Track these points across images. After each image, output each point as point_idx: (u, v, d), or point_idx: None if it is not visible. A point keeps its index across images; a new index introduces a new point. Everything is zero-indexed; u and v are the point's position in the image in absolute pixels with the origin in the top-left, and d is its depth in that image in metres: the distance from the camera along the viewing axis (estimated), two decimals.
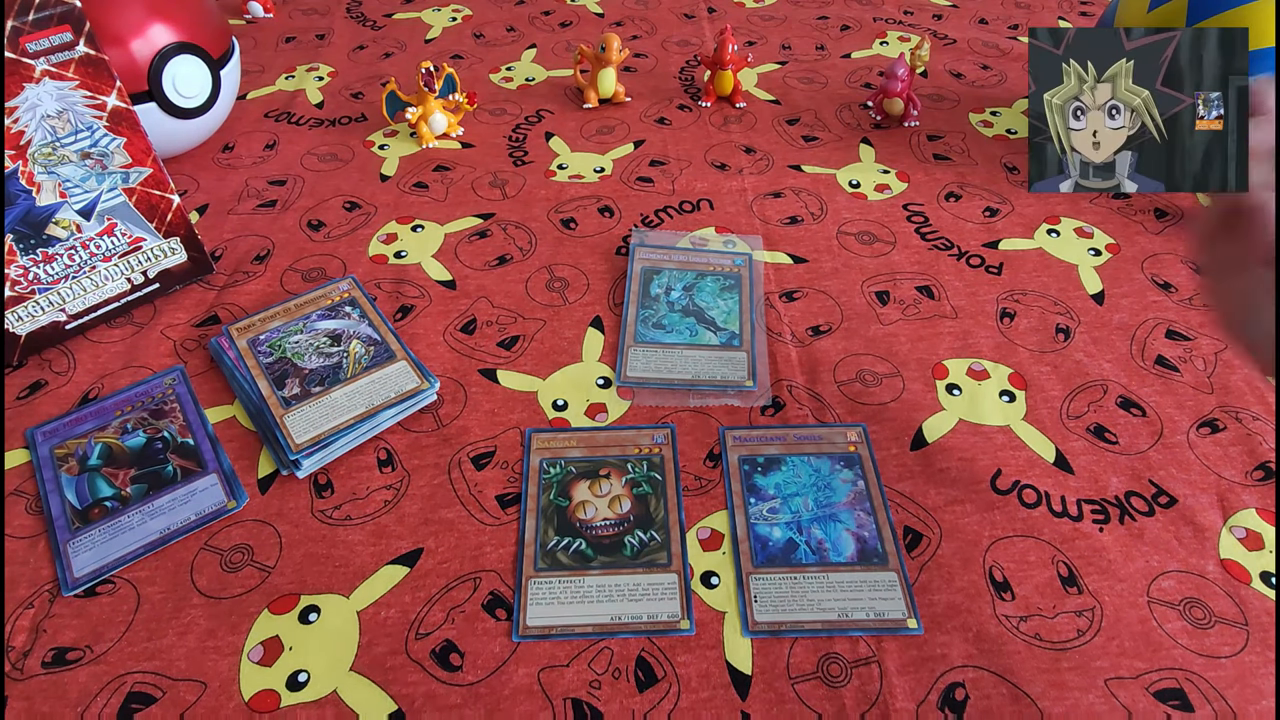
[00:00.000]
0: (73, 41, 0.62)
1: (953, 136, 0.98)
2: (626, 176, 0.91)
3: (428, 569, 0.55)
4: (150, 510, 0.57)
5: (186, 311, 0.73)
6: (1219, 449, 0.62)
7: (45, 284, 0.66)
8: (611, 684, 0.49)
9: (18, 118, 0.61)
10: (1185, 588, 0.54)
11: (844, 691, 0.49)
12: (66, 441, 0.61)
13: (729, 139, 0.98)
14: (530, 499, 0.58)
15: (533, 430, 0.63)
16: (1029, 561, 0.55)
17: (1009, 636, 0.51)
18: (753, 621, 0.52)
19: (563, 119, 1.01)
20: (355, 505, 0.58)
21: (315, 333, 0.69)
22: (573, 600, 0.53)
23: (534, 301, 0.75)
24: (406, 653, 0.50)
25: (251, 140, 0.96)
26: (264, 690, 0.48)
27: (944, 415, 0.65)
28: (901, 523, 0.58)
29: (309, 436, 0.60)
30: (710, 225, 0.84)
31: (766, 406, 0.65)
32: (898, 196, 0.89)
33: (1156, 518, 0.58)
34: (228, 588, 0.53)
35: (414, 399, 0.64)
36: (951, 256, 0.80)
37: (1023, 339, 0.72)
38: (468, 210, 0.86)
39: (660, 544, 0.56)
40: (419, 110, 0.94)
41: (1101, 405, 0.66)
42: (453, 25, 1.23)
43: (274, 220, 0.84)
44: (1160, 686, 0.49)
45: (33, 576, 0.54)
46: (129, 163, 0.68)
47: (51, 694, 0.48)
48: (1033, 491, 0.60)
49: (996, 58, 1.15)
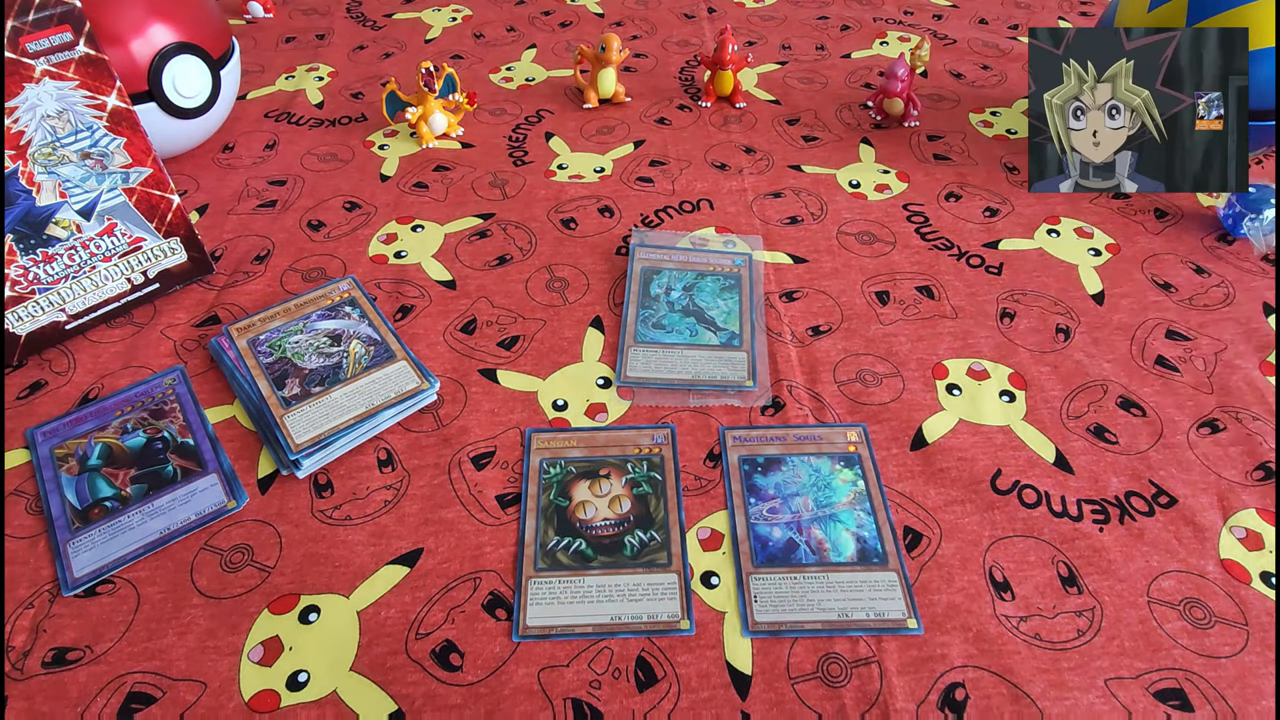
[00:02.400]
0: (73, 41, 0.62)
1: (953, 136, 0.98)
2: (626, 176, 0.91)
3: (428, 569, 0.55)
4: (150, 510, 0.57)
5: (186, 311, 0.73)
6: (1219, 449, 0.62)
7: (45, 284, 0.66)
8: (611, 684, 0.49)
9: (18, 118, 0.61)
10: (1185, 588, 0.54)
11: (844, 691, 0.49)
12: (66, 441, 0.61)
13: (729, 139, 0.98)
14: (530, 499, 0.58)
15: (533, 430, 0.63)
16: (1029, 561, 0.55)
17: (1009, 636, 0.51)
18: (753, 621, 0.52)
19: (563, 119, 1.01)
20: (355, 505, 0.58)
21: (315, 333, 0.69)
22: (573, 600, 0.53)
23: (534, 301, 0.75)
24: (406, 653, 0.50)
25: (251, 140, 0.96)
26: (264, 690, 0.48)
27: (944, 415, 0.65)
28: (901, 523, 0.58)
29: (309, 436, 0.60)
30: (710, 225, 0.84)
31: (766, 406, 0.65)
32: (898, 196, 0.89)
33: (1156, 518, 0.58)
34: (228, 588, 0.53)
35: (414, 399, 0.64)
36: (951, 256, 0.80)
37: (1023, 339, 0.72)
38: (468, 210, 0.86)
39: (660, 544, 0.56)
40: (419, 110, 0.94)
41: (1101, 405, 0.66)
42: (453, 25, 1.23)
43: (274, 220, 0.84)
44: (1160, 686, 0.49)
45: (33, 576, 0.54)
46: (129, 163, 0.68)
47: (51, 694, 0.48)
48: (1033, 491, 0.60)
49: (996, 58, 1.15)
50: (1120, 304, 0.75)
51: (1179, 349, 0.71)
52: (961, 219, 0.85)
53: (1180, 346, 0.71)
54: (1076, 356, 0.70)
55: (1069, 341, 0.71)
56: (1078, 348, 0.71)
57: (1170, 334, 0.72)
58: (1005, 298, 0.76)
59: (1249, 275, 0.78)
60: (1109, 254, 0.81)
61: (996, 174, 0.92)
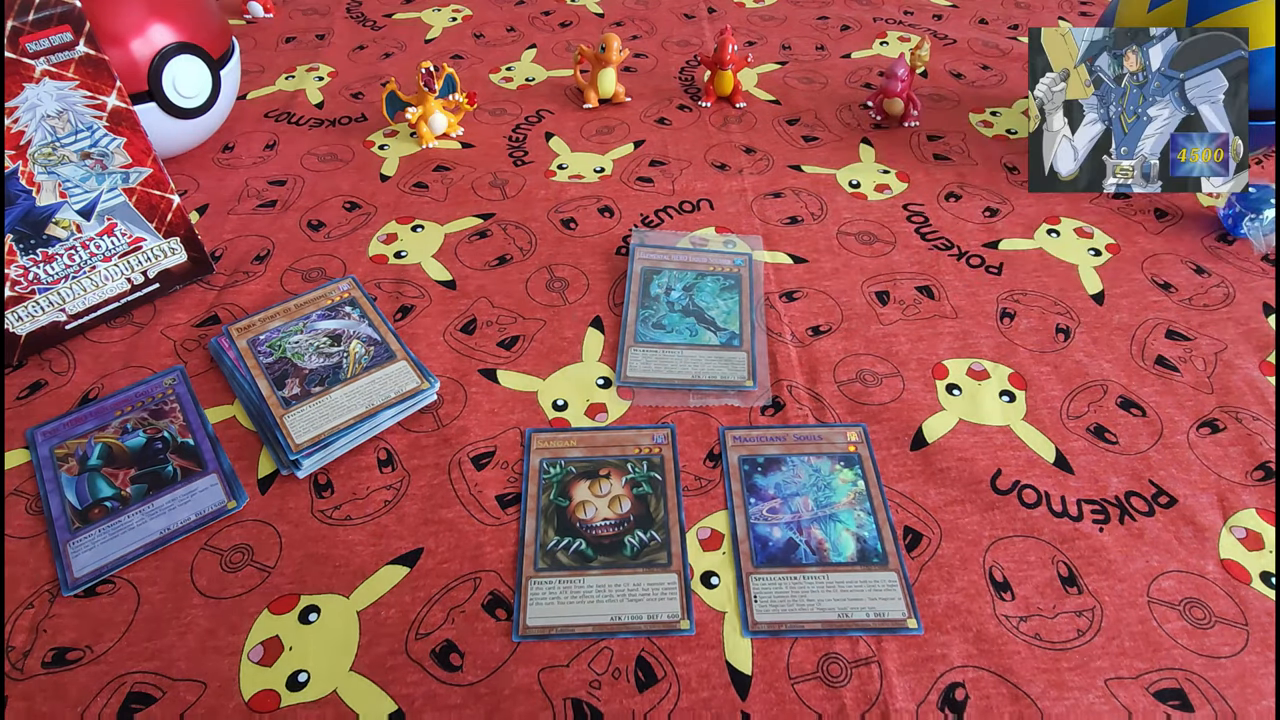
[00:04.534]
0: (73, 41, 0.62)
1: (953, 136, 0.98)
2: (626, 176, 0.91)
3: (428, 569, 0.55)
4: (150, 510, 0.57)
5: (186, 311, 0.73)
6: (1219, 449, 0.62)
7: (45, 284, 0.66)
8: (611, 684, 0.49)
9: (18, 118, 0.61)
10: (1185, 588, 0.54)
11: (844, 691, 0.49)
12: (66, 441, 0.61)
13: (729, 139, 0.98)
14: (530, 499, 0.58)
15: (533, 430, 0.63)
16: (1029, 561, 0.55)
17: (1009, 636, 0.51)
18: (753, 621, 0.52)
19: (563, 119, 1.01)
20: (355, 505, 0.58)
21: (315, 333, 0.69)
22: (573, 600, 0.53)
23: (534, 301, 0.75)
24: (406, 653, 0.50)
25: (251, 140, 0.96)
26: (264, 690, 0.48)
27: (944, 415, 0.65)
28: (901, 523, 0.58)
29: (309, 436, 0.60)
30: (710, 225, 0.84)
31: (766, 406, 0.65)
32: (898, 196, 0.89)
33: (1156, 518, 0.58)
34: (228, 588, 0.53)
35: (414, 399, 0.64)
36: (951, 256, 0.80)
37: (1023, 339, 0.72)
38: (468, 210, 0.86)
39: (660, 544, 0.56)
40: (419, 110, 0.94)
41: (1101, 405, 0.66)
42: (453, 25, 1.23)
43: (274, 220, 0.84)
44: (1160, 686, 0.49)
45: (33, 576, 0.54)
46: (129, 163, 0.68)
47: (51, 694, 0.48)
48: (1033, 491, 0.60)
49: (996, 58, 1.15)
50: (1120, 304, 0.75)
51: (1179, 349, 0.71)
52: (961, 219, 0.85)
53: (1180, 346, 0.71)
54: (1076, 356, 0.70)
55: (1069, 341, 0.71)
56: (1078, 348, 0.71)
57: (1170, 334, 0.72)
58: (1005, 298, 0.76)
59: (1249, 275, 0.78)
60: (1109, 254, 0.81)
61: (996, 174, 0.92)
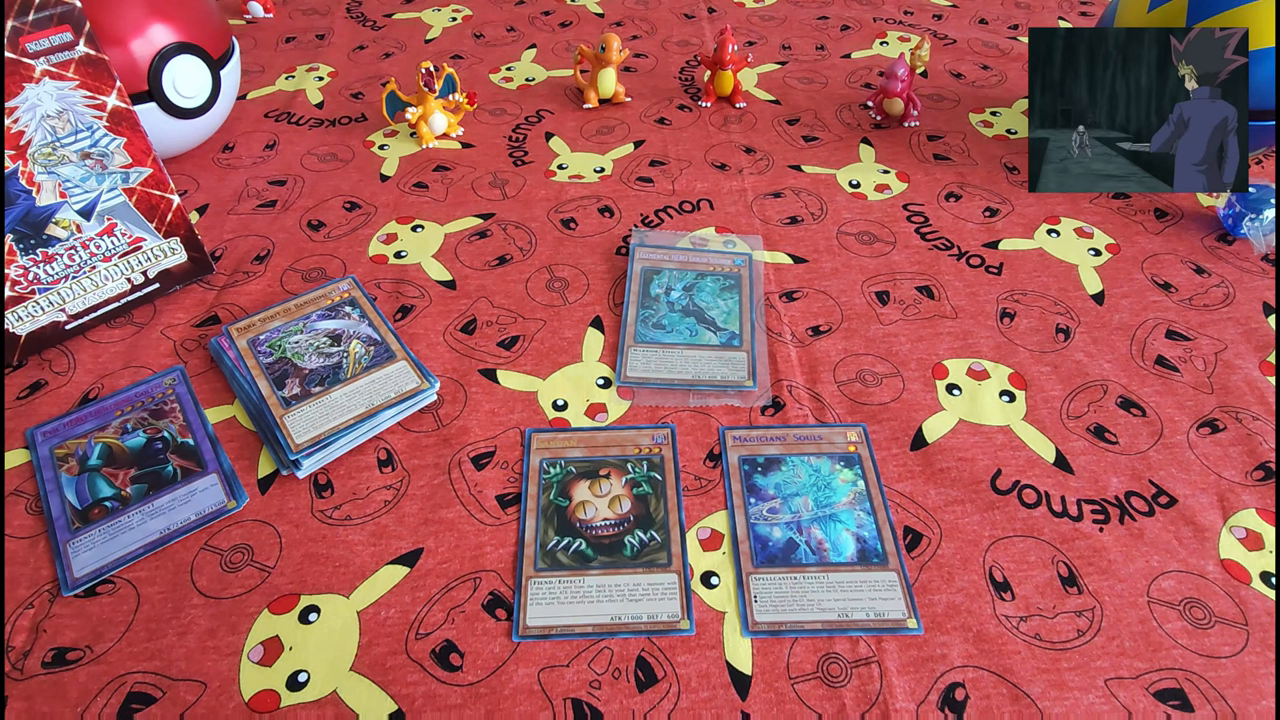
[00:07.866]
0: (73, 41, 0.62)
1: (953, 136, 0.98)
2: (626, 176, 0.91)
3: (428, 569, 0.55)
4: (150, 510, 0.57)
5: (186, 311, 0.73)
6: (1219, 449, 0.62)
7: (45, 284, 0.66)
8: (611, 684, 0.49)
9: (18, 118, 0.61)
10: (1185, 588, 0.54)
11: (844, 691, 0.49)
12: (66, 441, 0.61)
13: (729, 139, 0.98)
14: (530, 499, 0.58)
15: (533, 430, 0.63)
16: (1029, 561, 0.55)
17: (1009, 636, 0.51)
18: (753, 621, 0.52)
19: (563, 119, 1.01)
20: (355, 505, 0.58)
21: (315, 333, 0.69)
22: (573, 600, 0.53)
23: (534, 301, 0.75)
24: (406, 653, 0.50)
25: (251, 140, 0.96)
26: (264, 690, 0.48)
27: (944, 415, 0.65)
28: (901, 523, 0.58)
29: (309, 436, 0.60)
30: (710, 225, 0.84)
31: (766, 406, 0.65)
32: (898, 196, 0.89)
33: (1156, 518, 0.58)
34: (228, 588, 0.53)
35: (414, 399, 0.64)
36: (951, 256, 0.80)
37: (1023, 339, 0.72)
38: (468, 210, 0.86)
39: (660, 544, 0.56)
40: (419, 110, 0.94)
41: (1101, 405, 0.66)
42: (453, 25, 1.23)
43: (274, 220, 0.84)
44: (1160, 686, 0.49)
45: (33, 576, 0.54)
46: (129, 163, 0.68)
47: (51, 694, 0.48)
48: (1033, 491, 0.60)
49: (996, 58, 1.15)
50: (1120, 304, 0.75)
51: (1179, 349, 0.71)
52: (961, 219, 0.85)
53: (1180, 346, 0.71)
54: (1076, 356, 0.70)
55: (1069, 341, 0.71)
56: (1078, 348, 0.71)
57: (1170, 334, 0.72)
58: (1005, 298, 0.76)
59: (1249, 275, 0.78)
60: (1109, 254, 0.81)
61: (996, 174, 0.92)
